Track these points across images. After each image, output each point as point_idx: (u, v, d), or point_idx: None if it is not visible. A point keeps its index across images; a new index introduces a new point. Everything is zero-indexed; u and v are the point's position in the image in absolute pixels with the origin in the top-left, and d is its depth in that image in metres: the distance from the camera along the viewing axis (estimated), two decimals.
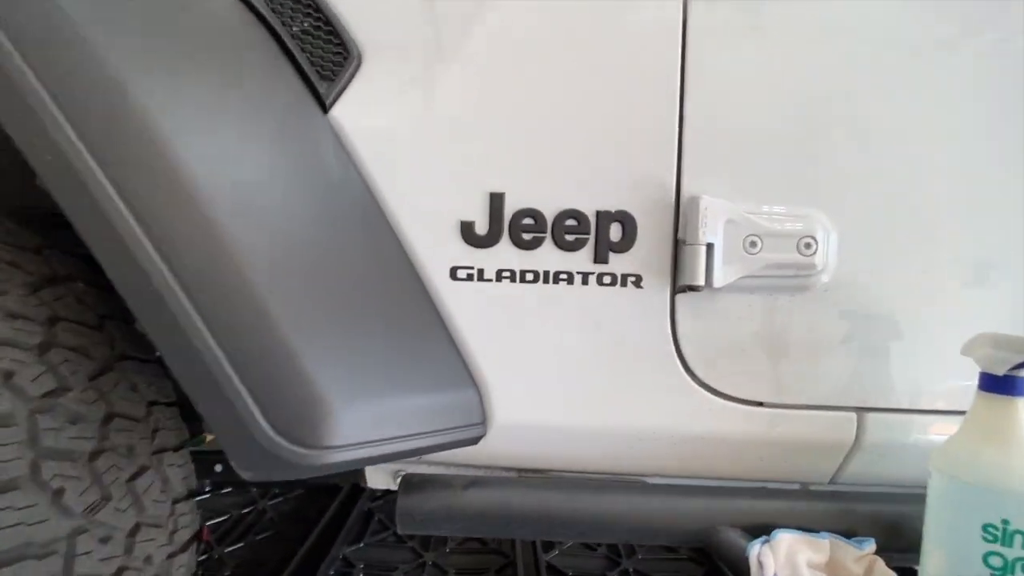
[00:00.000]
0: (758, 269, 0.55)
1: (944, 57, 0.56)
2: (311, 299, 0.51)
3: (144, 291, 0.44)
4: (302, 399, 0.46)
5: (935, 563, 0.50)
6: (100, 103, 0.45)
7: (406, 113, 0.56)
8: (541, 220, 0.56)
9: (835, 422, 0.58)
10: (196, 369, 0.44)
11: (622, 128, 0.56)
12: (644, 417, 0.58)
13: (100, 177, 0.43)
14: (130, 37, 0.47)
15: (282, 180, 0.52)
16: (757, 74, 0.56)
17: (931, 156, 0.57)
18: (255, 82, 0.54)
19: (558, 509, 0.58)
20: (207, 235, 0.46)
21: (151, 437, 0.57)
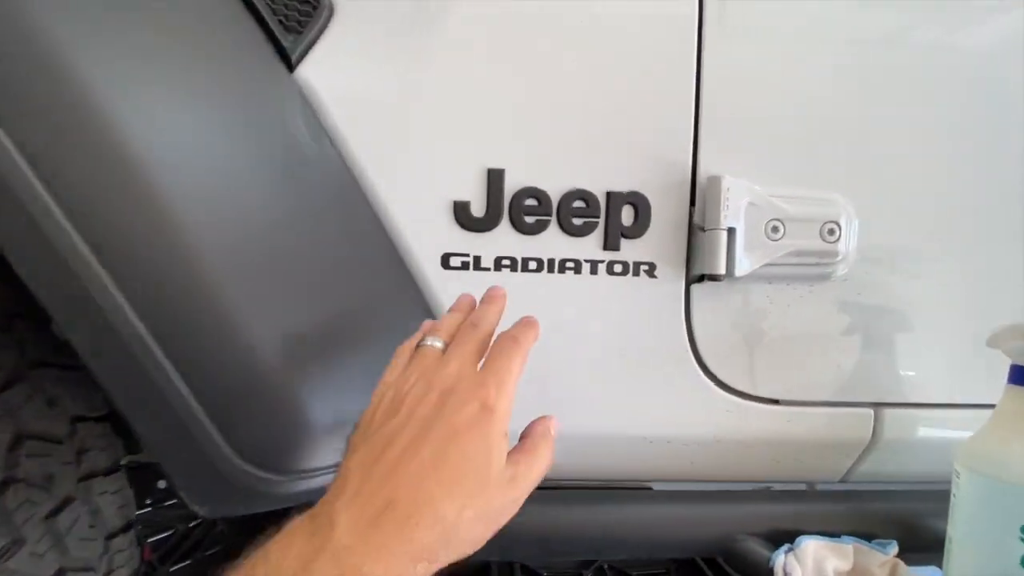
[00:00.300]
0: (780, 256, 0.50)
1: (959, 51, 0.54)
2: (279, 298, 0.42)
3: (65, 288, 0.34)
4: (272, 418, 0.38)
5: (964, 565, 0.47)
6: (9, 45, 0.35)
7: (389, 73, 0.48)
8: (546, 201, 0.50)
9: (852, 419, 0.55)
10: (137, 384, 0.35)
11: (635, 100, 0.50)
12: (655, 419, 0.53)
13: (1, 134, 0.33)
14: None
15: (240, 152, 0.43)
16: (777, 44, 0.51)
17: (952, 145, 0.54)
18: (203, 31, 0.44)
19: (564, 526, 0.52)
20: (147, 215, 0.37)
21: (76, 461, 0.47)
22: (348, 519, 0.27)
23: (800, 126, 0.52)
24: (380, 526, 0.27)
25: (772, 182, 0.51)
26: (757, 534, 0.53)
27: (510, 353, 0.34)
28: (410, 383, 0.33)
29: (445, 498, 0.29)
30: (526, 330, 0.37)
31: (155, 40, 0.40)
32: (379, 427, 0.31)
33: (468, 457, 0.30)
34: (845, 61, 0.52)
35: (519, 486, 0.32)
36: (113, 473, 0.50)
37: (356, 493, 0.28)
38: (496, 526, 0.31)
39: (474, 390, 0.32)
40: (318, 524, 0.28)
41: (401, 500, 0.28)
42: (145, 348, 0.35)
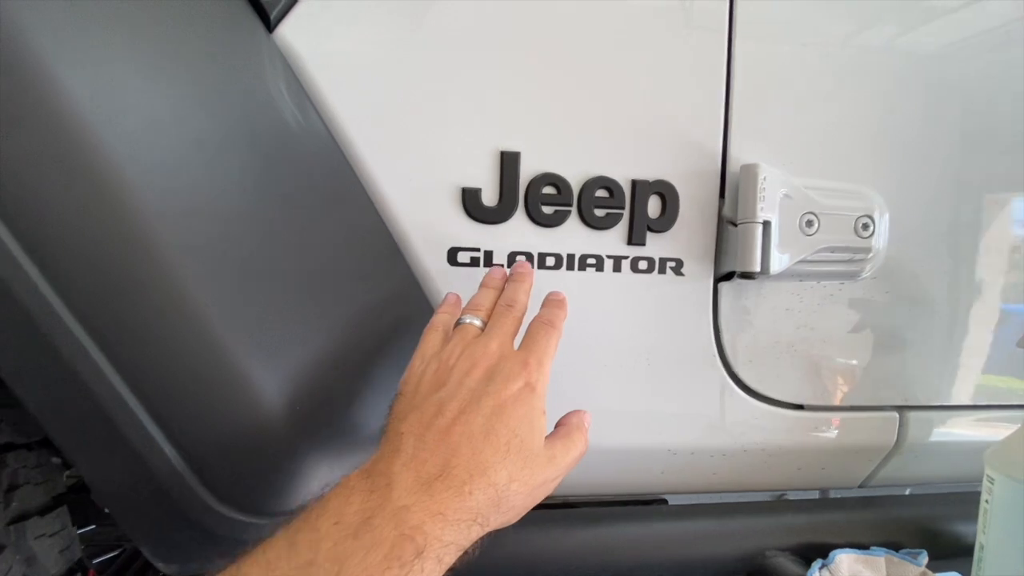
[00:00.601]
0: (813, 253, 0.47)
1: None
2: (258, 307, 0.35)
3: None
4: (255, 446, 0.31)
5: (998, 573, 0.45)
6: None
7: (385, 36, 0.41)
8: (566, 189, 0.44)
9: (877, 423, 0.52)
10: (78, 409, 0.27)
11: (664, 82, 0.45)
12: (680, 429, 0.49)
13: None
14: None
15: (213, 125, 0.36)
16: (809, 32, 0.47)
17: (981, 142, 0.51)
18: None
19: (583, 547, 0.47)
20: (95, 199, 0.29)
21: (4, 502, 0.38)
22: (406, 481, 0.29)
23: (832, 115, 0.48)
24: (437, 489, 0.29)
25: (803, 174, 0.47)
26: (784, 548, 0.50)
27: (547, 335, 0.37)
28: (455, 356, 0.35)
29: (497, 465, 0.30)
30: (558, 311, 0.39)
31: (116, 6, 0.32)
32: (427, 395, 0.33)
33: (514, 430, 0.32)
34: (875, 53, 0.49)
35: (557, 466, 0.33)
36: (52, 511, 0.42)
37: (412, 456, 0.30)
38: (534, 501, 0.33)
39: (517, 369, 0.34)
40: (376, 483, 0.29)
41: (456, 466, 0.30)
42: (98, 376, 0.27)
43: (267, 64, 0.39)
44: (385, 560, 0.26)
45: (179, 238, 0.31)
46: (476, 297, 0.39)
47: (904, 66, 0.49)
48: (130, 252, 0.30)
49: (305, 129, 0.40)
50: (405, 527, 0.27)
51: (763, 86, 0.47)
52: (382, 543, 0.26)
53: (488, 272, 0.41)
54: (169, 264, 0.30)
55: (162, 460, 0.29)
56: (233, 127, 0.37)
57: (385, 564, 0.26)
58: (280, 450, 0.33)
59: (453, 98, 0.42)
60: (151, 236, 0.31)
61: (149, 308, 0.31)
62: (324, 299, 0.39)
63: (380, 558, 0.26)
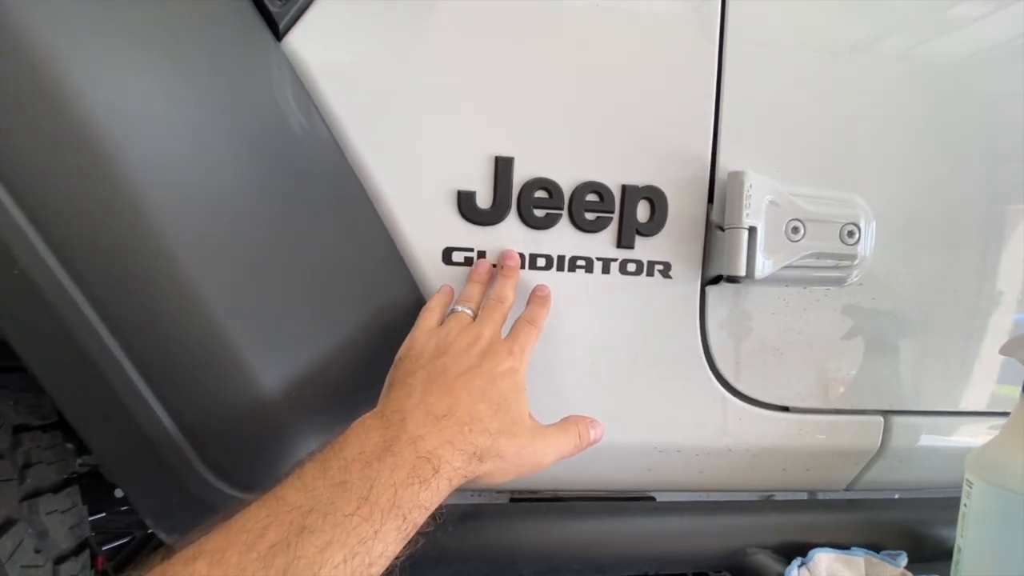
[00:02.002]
0: (799, 258, 0.48)
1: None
2: (261, 298, 0.37)
3: (6, 278, 0.29)
4: (252, 432, 0.33)
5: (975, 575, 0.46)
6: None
7: (388, 46, 0.43)
8: (557, 193, 0.46)
9: (861, 427, 0.53)
10: (93, 393, 0.29)
11: (655, 89, 0.47)
12: (667, 427, 0.50)
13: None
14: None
15: (221, 130, 0.38)
16: (798, 41, 0.49)
17: (967, 149, 0.52)
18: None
19: (570, 541, 0.49)
20: (112, 202, 0.32)
21: (19, 478, 0.40)
22: (418, 416, 0.33)
23: (820, 123, 0.50)
24: (444, 424, 0.33)
25: (791, 181, 0.49)
26: (766, 547, 0.51)
27: (529, 332, 0.42)
28: (453, 334, 0.40)
29: (490, 418, 0.36)
30: (540, 309, 0.44)
31: (129, 15, 0.34)
32: (431, 359, 0.38)
33: (504, 396, 0.37)
34: (864, 63, 0.50)
35: (543, 441, 0.38)
36: (63, 489, 0.44)
37: (421, 399, 0.34)
38: (519, 465, 0.37)
39: (504, 354, 0.39)
40: (391, 420, 0.33)
41: (459, 410, 0.35)
42: (105, 352, 0.29)
43: (275, 71, 0.41)
44: (408, 477, 0.30)
45: (186, 231, 0.33)
46: (466, 290, 0.44)
47: (893, 74, 0.50)
48: (141, 245, 0.33)
49: (309, 133, 0.42)
50: (422, 451, 0.31)
51: (753, 94, 0.48)
52: (404, 464, 0.31)
53: (475, 265, 0.45)
54: (177, 257, 0.32)
55: (165, 438, 0.31)
56: (240, 130, 0.39)
57: (408, 480, 0.30)
58: (275, 432, 0.35)
59: (451, 106, 0.44)
60: (161, 230, 0.33)
61: (158, 298, 0.33)
62: (323, 291, 0.41)
63: (404, 475, 0.30)
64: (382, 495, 0.29)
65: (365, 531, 0.28)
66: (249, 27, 0.41)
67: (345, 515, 0.28)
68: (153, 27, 0.36)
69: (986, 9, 0.52)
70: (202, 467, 0.32)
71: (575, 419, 0.41)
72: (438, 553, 0.47)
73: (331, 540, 0.27)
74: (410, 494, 0.30)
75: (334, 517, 0.27)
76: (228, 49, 0.40)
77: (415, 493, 0.30)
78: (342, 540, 0.27)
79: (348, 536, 0.27)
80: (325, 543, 0.26)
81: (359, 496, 0.29)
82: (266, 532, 0.26)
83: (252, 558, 0.25)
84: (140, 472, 0.31)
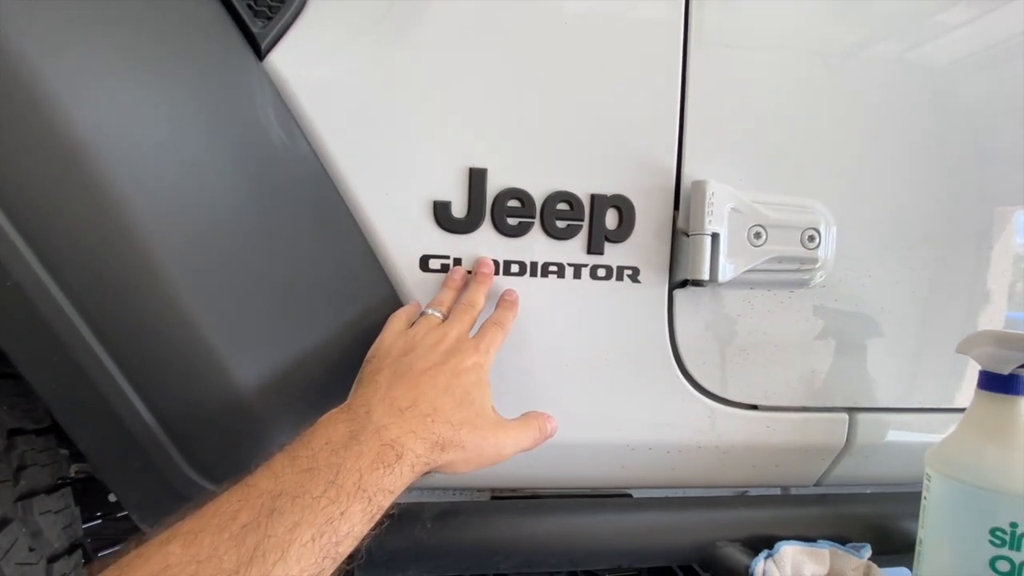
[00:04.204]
0: (762, 263, 0.50)
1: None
2: (243, 303, 0.39)
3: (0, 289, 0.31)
4: (233, 430, 0.35)
5: (934, 567, 0.48)
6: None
7: (366, 64, 0.45)
8: (529, 203, 0.48)
9: (827, 424, 0.55)
10: (81, 396, 0.31)
11: (621, 103, 0.49)
12: (638, 426, 0.52)
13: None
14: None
15: (204, 146, 0.40)
16: (761, 51, 0.51)
17: (922, 154, 0.55)
18: (163, 13, 0.41)
19: (546, 536, 0.51)
20: (96, 214, 0.34)
21: (13, 479, 0.42)
22: (383, 408, 0.35)
23: (781, 133, 0.52)
24: (408, 416, 0.35)
25: (753, 188, 0.51)
26: (736, 540, 0.53)
27: (496, 333, 0.44)
28: (421, 334, 0.42)
29: (453, 410, 0.38)
30: (508, 313, 0.47)
31: (109, 21, 0.37)
32: (398, 357, 0.40)
33: (468, 390, 0.39)
34: (823, 71, 0.52)
35: (505, 434, 0.40)
36: (57, 490, 0.46)
37: (387, 393, 0.37)
38: (481, 455, 0.38)
39: (471, 353, 0.41)
40: (355, 412, 0.35)
41: (422, 402, 0.37)
42: (93, 357, 0.31)
43: (256, 89, 0.43)
44: (372, 463, 0.32)
45: (170, 243, 0.35)
46: (439, 295, 0.46)
47: (853, 82, 0.53)
48: (127, 257, 0.35)
49: (290, 148, 0.44)
50: (386, 439, 0.33)
51: (715, 105, 0.50)
52: (369, 451, 0.33)
53: (450, 272, 0.47)
54: (161, 267, 0.34)
55: (150, 438, 0.33)
56: (223, 144, 0.41)
57: (373, 466, 0.32)
58: (254, 431, 0.37)
59: (426, 120, 0.46)
60: (146, 242, 0.35)
61: (142, 305, 0.35)
62: (303, 297, 0.43)
63: (369, 462, 0.32)
64: (348, 479, 0.31)
65: (332, 512, 0.29)
66: (232, 47, 0.43)
67: (313, 497, 0.29)
68: (139, 48, 0.38)
69: (944, 18, 0.55)
70: (184, 464, 0.34)
71: (534, 414, 0.43)
72: (418, 548, 0.49)
73: (300, 520, 0.28)
74: (375, 478, 0.32)
75: (302, 500, 0.29)
76: (211, 69, 0.42)
77: (380, 477, 0.32)
78: (310, 520, 0.29)
79: (316, 516, 0.29)
80: (294, 523, 0.28)
81: (326, 480, 0.30)
82: (238, 515, 0.28)
83: (224, 538, 0.27)
84: (125, 469, 0.33)
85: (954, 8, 0.54)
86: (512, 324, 0.46)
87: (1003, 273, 0.55)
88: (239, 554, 0.27)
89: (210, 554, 0.26)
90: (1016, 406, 0.45)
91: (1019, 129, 0.56)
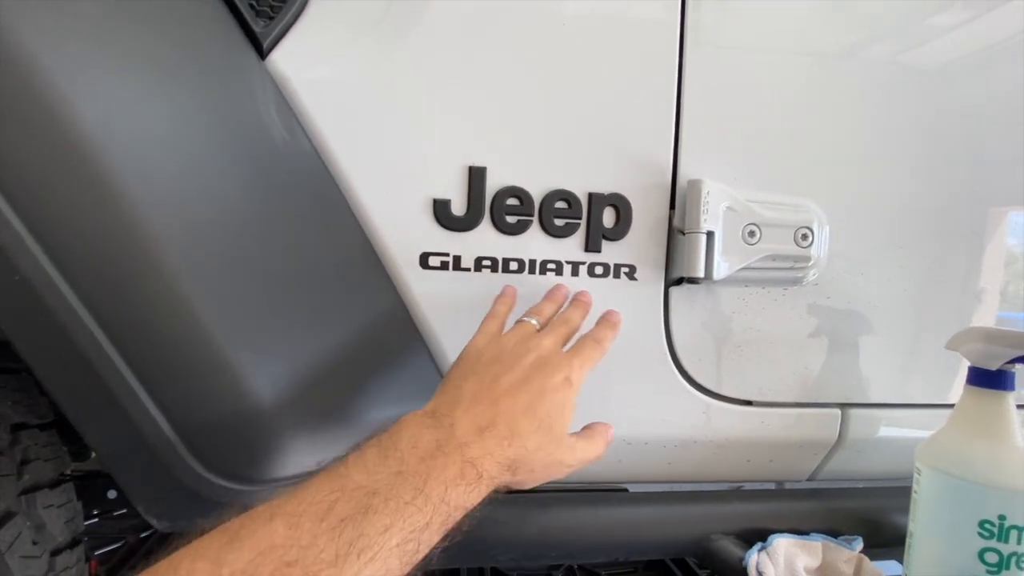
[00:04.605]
0: (756, 261, 0.51)
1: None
2: (246, 300, 0.40)
3: (8, 286, 0.31)
4: (239, 426, 0.35)
5: (924, 559, 0.49)
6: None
7: (367, 63, 0.46)
8: (528, 201, 0.49)
9: (820, 419, 0.56)
10: (89, 390, 0.32)
11: (618, 103, 0.50)
12: (635, 421, 0.53)
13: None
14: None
15: (207, 144, 0.41)
16: (756, 52, 0.52)
17: (912, 153, 0.56)
18: (166, 13, 0.41)
19: (542, 529, 0.51)
20: (103, 210, 0.34)
21: (17, 473, 0.43)
22: (465, 423, 0.36)
23: (776, 133, 0.53)
24: (487, 436, 0.36)
25: (748, 187, 0.52)
26: (730, 533, 0.54)
27: (593, 349, 0.43)
28: (512, 343, 0.41)
29: (530, 435, 0.37)
30: (609, 332, 0.45)
31: (114, 21, 0.37)
32: (486, 366, 0.39)
33: (549, 412, 0.38)
34: (818, 72, 0.53)
35: (574, 455, 0.40)
36: (59, 485, 0.47)
37: (469, 408, 0.37)
38: (547, 474, 0.39)
39: (563, 365, 0.40)
40: (441, 422, 0.36)
41: (501, 424, 0.36)
42: (104, 358, 0.32)
43: (258, 88, 0.44)
44: (455, 479, 0.33)
45: (175, 240, 0.36)
46: (540, 305, 0.46)
47: (846, 82, 0.54)
48: (134, 253, 0.35)
49: (292, 146, 0.45)
50: (468, 456, 0.34)
51: (711, 106, 0.51)
52: (453, 465, 0.33)
53: (555, 287, 0.48)
54: (167, 263, 0.35)
55: (156, 432, 0.33)
56: (226, 143, 0.42)
57: (455, 481, 0.33)
58: (260, 426, 0.38)
59: (426, 119, 0.47)
60: (152, 239, 0.36)
61: (150, 302, 0.35)
62: (307, 297, 0.43)
63: (452, 475, 0.33)
64: (434, 490, 0.32)
65: (418, 520, 0.31)
66: (234, 47, 0.44)
67: (404, 503, 0.31)
68: (143, 46, 0.39)
69: (938, 20, 0.55)
70: (192, 459, 0.34)
71: (599, 427, 0.43)
72: None
73: (391, 524, 0.30)
74: (456, 494, 0.33)
75: (394, 503, 0.30)
76: (213, 67, 0.42)
77: (460, 494, 0.33)
78: (400, 525, 0.30)
79: (404, 522, 0.30)
80: (385, 526, 0.29)
81: (414, 487, 0.31)
82: (335, 506, 0.29)
83: (323, 528, 0.28)
84: (133, 464, 0.34)
85: (946, 10, 0.55)
86: (611, 345, 0.45)
87: (994, 272, 0.56)
88: (337, 547, 0.28)
89: (311, 541, 0.27)
90: (1004, 401, 0.46)
91: (1011, 129, 0.57)
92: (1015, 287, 0.58)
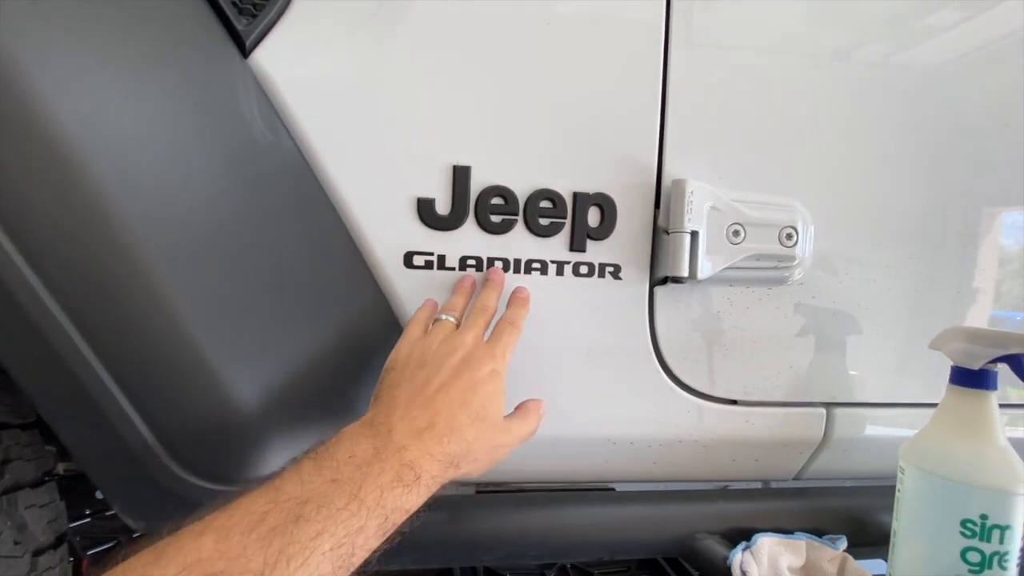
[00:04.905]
0: (740, 260, 0.51)
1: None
2: (226, 299, 0.40)
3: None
4: (217, 426, 0.35)
5: (908, 558, 0.49)
6: None
7: (351, 62, 0.46)
8: (512, 200, 0.49)
9: (805, 418, 0.56)
10: (65, 390, 0.32)
11: (603, 102, 0.50)
12: (620, 420, 0.53)
13: None
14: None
15: (188, 142, 0.40)
16: (741, 53, 0.52)
17: (898, 154, 0.56)
18: (147, 9, 0.41)
19: (529, 529, 0.51)
20: (81, 210, 0.34)
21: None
22: (402, 428, 0.37)
23: (760, 133, 0.53)
24: (425, 437, 0.37)
25: (732, 187, 0.52)
26: (715, 532, 0.54)
27: (510, 333, 0.45)
28: (436, 342, 0.42)
29: (468, 427, 0.39)
30: (520, 310, 0.47)
31: (92, 18, 0.37)
32: (415, 370, 0.41)
33: (483, 403, 0.40)
34: (803, 71, 0.53)
35: (511, 435, 0.42)
36: (42, 485, 0.46)
37: (405, 412, 0.38)
38: (492, 461, 0.41)
39: (487, 358, 0.42)
40: (379, 430, 0.36)
41: (439, 423, 0.38)
42: (79, 357, 0.32)
43: (241, 87, 0.44)
44: (392, 481, 0.34)
45: (155, 241, 0.35)
46: (451, 300, 0.47)
47: (831, 82, 0.54)
48: (113, 255, 0.35)
49: (275, 145, 0.45)
50: (405, 459, 0.35)
51: (695, 105, 0.51)
52: (390, 469, 0.34)
53: (460, 279, 0.48)
54: (146, 265, 0.35)
55: (133, 432, 0.33)
56: (208, 143, 0.41)
57: (393, 484, 0.34)
58: (240, 428, 0.37)
59: (410, 118, 0.47)
60: (132, 241, 0.36)
61: (128, 304, 0.35)
62: (289, 296, 0.43)
63: (389, 480, 0.34)
64: (369, 494, 0.32)
65: (352, 524, 0.31)
66: (216, 45, 0.43)
67: (336, 508, 0.31)
68: (123, 46, 0.39)
69: (926, 20, 0.56)
70: (169, 459, 0.34)
71: (530, 405, 0.45)
72: (403, 542, 0.49)
73: (322, 530, 0.30)
74: (393, 496, 0.33)
75: (327, 509, 0.31)
76: (196, 66, 0.42)
77: (398, 496, 0.34)
78: (332, 530, 0.30)
79: (337, 527, 0.30)
80: (317, 532, 0.30)
81: (349, 493, 0.32)
82: (266, 517, 0.29)
83: (252, 538, 0.28)
84: (109, 464, 0.33)
85: (935, 11, 0.55)
86: (524, 322, 0.46)
87: (981, 272, 0.57)
88: (265, 556, 0.28)
89: (239, 552, 0.28)
90: (986, 400, 0.47)
91: (1000, 130, 0.57)
92: (1008, 287, 0.59)
